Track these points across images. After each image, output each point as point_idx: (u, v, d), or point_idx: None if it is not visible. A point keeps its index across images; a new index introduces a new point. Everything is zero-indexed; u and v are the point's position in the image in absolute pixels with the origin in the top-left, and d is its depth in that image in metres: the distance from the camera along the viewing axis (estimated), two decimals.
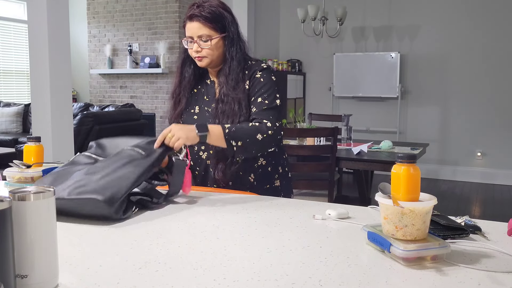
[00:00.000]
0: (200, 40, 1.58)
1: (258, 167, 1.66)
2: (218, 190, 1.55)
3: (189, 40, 1.60)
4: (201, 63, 1.63)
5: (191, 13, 1.58)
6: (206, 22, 1.57)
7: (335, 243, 0.99)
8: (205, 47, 1.58)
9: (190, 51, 1.62)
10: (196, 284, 0.77)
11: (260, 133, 1.51)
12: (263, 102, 1.59)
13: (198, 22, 1.57)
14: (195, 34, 1.58)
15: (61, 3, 3.58)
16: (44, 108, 3.55)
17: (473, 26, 5.69)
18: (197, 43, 1.58)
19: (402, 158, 0.91)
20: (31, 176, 1.37)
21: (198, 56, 1.60)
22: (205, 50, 1.59)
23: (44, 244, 0.73)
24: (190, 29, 1.59)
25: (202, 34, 1.57)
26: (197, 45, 1.58)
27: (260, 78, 1.62)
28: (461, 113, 5.85)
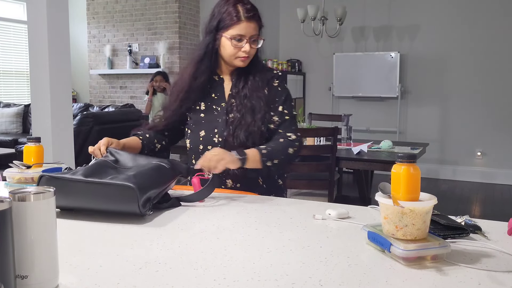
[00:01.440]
0: (251, 40, 1.58)
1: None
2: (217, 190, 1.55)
3: (237, 38, 1.57)
4: (243, 64, 1.62)
5: (251, 14, 1.57)
6: (260, 23, 1.61)
7: (335, 243, 0.99)
8: (254, 48, 1.61)
9: (236, 50, 1.58)
10: (196, 284, 0.77)
11: (291, 147, 1.57)
12: (283, 112, 1.63)
13: (255, 23, 1.58)
14: (249, 33, 1.57)
15: (61, 3, 3.58)
16: (44, 108, 3.55)
17: (473, 26, 5.69)
18: (249, 43, 1.58)
19: (402, 158, 0.91)
20: (31, 176, 1.37)
21: (246, 56, 1.59)
22: (252, 51, 1.61)
23: (44, 245, 0.73)
24: (246, 28, 1.56)
25: (254, 35, 1.59)
26: (248, 45, 1.57)
27: (278, 87, 1.67)
28: (461, 113, 5.85)
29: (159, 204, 1.24)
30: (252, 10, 1.58)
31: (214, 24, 1.60)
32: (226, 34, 1.57)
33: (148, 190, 1.16)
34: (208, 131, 1.63)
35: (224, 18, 1.58)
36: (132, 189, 1.11)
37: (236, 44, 1.57)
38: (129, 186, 1.11)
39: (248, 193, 1.53)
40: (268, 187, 1.66)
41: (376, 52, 6.15)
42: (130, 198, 1.11)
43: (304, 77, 6.75)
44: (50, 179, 1.15)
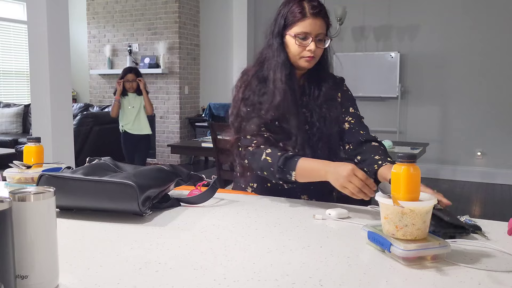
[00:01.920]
0: (317, 39, 1.45)
1: None
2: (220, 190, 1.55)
3: (302, 35, 1.44)
4: (309, 64, 1.48)
5: (317, 10, 1.45)
6: (327, 20, 1.48)
7: (335, 243, 0.99)
8: (320, 47, 1.47)
9: (301, 49, 1.45)
10: (196, 284, 0.77)
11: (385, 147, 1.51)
12: (356, 113, 1.57)
13: (322, 20, 1.46)
14: (315, 31, 1.44)
15: (61, 4, 3.58)
16: (44, 108, 3.55)
17: (473, 26, 5.69)
18: (314, 42, 1.44)
19: (402, 157, 0.91)
20: (31, 176, 1.37)
21: (312, 55, 1.45)
22: (319, 50, 1.47)
23: (44, 245, 0.73)
24: (311, 25, 1.43)
25: (321, 33, 1.46)
26: (314, 44, 1.44)
27: (348, 91, 1.62)
28: (461, 113, 5.85)
29: (159, 204, 1.24)
30: (318, 7, 1.45)
31: (282, 23, 1.47)
32: (291, 32, 1.45)
33: (148, 189, 1.16)
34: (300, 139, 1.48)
35: (289, 16, 1.46)
36: (131, 187, 1.11)
37: (301, 42, 1.44)
38: (129, 184, 1.11)
39: (247, 193, 1.53)
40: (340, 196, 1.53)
41: (376, 52, 6.15)
42: (130, 196, 1.11)
43: None
44: (50, 178, 1.15)
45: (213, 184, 1.33)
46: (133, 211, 1.13)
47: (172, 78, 6.68)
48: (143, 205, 1.13)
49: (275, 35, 1.49)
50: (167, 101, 6.74)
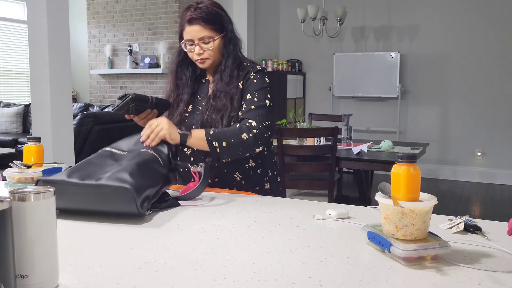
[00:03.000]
0: (202, 42, 1.58)
1: (248, 169, 1.65)
2: (219, 190, 1.55)
3: (188, 43, 1.60)
4: (203, 65, 1.63)
5: (190, 17, 1.57)
6: (206, 24, 1.57)
7: (335, 243, 0.99)
8: (207, 49, 1.58)
9: (191, 54, 1.62)
10: (196, 284, 0.77)
11: (245, 132, 1.50)
12: (252, 99, 1.58)
13: (198, 25, 1.56)
14: (196, 37, 1.57)
15: (61, 3, 3.58)
16: (44, 108, 3.55)
17: (473, 26, 5.69)
18: (198, 45, 1.58)
19: (402, 158, 0.91)
20: (31, 176, 1.37)
21: (200, 58, 1.60)
22: (207, 52, 1.59)
23: (44, 244, 0.73)
24: (190, 32, 1.58)
25: (203, 36, 1.57)
26: (198, 48, 1.58)
27: (253, 79, 1.62)
28: (461, 113, 5.85)
29: (158, 204, 1.23)
30: (194, 13, 1.57)
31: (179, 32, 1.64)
32: (182, 42, 1.63)
33: (145, 189, 1.15)
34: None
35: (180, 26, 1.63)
36: (128, 190, 1.10)
37: (189, 49, 1.61)
38: (125, 188, 1.11)
39: (248, 193, 1.53)
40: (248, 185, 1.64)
41: (376, 52, 6.15)
42: (128, 199, 1.11)
43: (304, 77, 6.75)
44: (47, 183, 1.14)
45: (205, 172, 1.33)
46: (132, 213, 1.13)
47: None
48: (142, 206, 1.13)
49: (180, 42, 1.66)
50: None
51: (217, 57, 1.62)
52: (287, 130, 3.25)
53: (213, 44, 1.58)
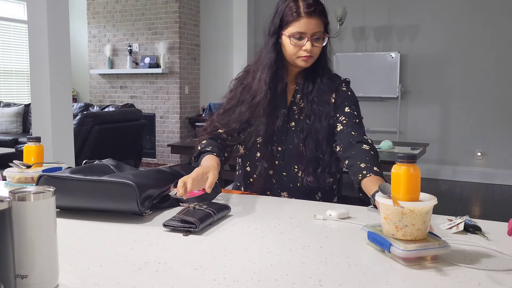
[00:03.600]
0: (312, 38, 1.45)
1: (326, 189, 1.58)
2: None
3: (297, 36, 1.44)
4: (307, 64, 1.49)
5: (312, 9, 1.43)
6: (324, 19, 1.47)
7: (335, 243, 0.99)
8: (317, 46, 1.47)
9: (297, 49, 1.46)
10: (196, 284, 0.77)
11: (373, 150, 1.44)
12: (352, 113, 1.51)
13: (318, 19, 1.45)
14: (311, 30, 1.44)
15: (61, 3, 3.58)
16: (44, 108, 3.55)
17: (473, 26, 5.69)
18: (310, 41, 1.45)
19: (402, 158, 0.91)
20: (31, 176, 1.37)
21: (308, 55, 1.46)
22: (316, 49, 1.47)
23: (44, 244, 0.73)
24: (306, 24, 1.43)
25: (317, 31, 1.45)
26: (310, 43, 1.44)
27: (347, 91, 1.56)
28: (461, 113, 5.85)
29: (158, 204, 1.24)
30: (313, 5, 1.44)
31: (277, 22, 1.48)
32: (286, 32, 1.46)
33: (147, 188, 1.15)
34: (266, 138, 1.52)
35: (284, 15, 1.46)
36: (131, 186, 1.11)
37: (296, 42, 1.45)
38: (128, 183, 1.11)
39: (248, 193, 1.53)
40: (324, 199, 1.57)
41: (376, 52, 6.15)
42: (129, 195, 1.11)
43: None
44: (49, 178, 1.15)
45: (214, 188, 1.33)
46: (133, 210, 1.13)
47: (172, 78, 6.68)
48: (143, 205, 1.13)
49: (271, 34, 1.50)
50: (167, 101, 6.74)
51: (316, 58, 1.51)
52: None
53: (323, 42, 1.48)
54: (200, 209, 1.11)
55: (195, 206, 1.13)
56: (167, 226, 1.06)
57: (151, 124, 6.77)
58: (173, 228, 1.06)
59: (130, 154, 5.64)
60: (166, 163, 6.64)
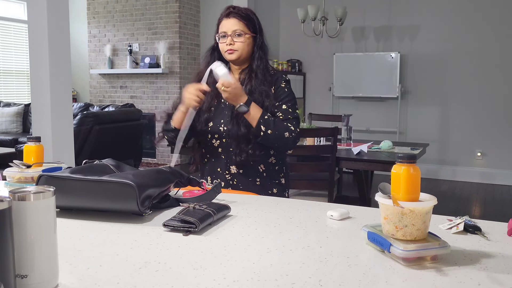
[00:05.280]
0: (234, 35, 1.77)
1: (270, 163, 1.83)
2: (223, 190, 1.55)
3: (222, 35, 1.79)
4: (231, 56, 1.79)
5: (229, 11, 1.79)
6: (241, 19, 1.78)
7: (335, 243, 0.99)
8: (238, 41, 1.77)
9: (222, 46, 1.79)
10: (196, 284, 0.77)
11: (288, 132, 1.72)
12: (287, 110, 1.78)
13: (234, 19, 1.77)
14: (230, 29, 1.77)
15: (61, 3, 3.58)
16: (44, 108, 3.55)
17: (473, 26, 5.69)
18: (230, 37, 1.77)
19: (402, 158, 0.91)
20: (31, 176, 1.37)
21: (230, 49, 1.77)
22: (238, 44, 1.77)
23: (44, 244, 0.73)
24: (226, 24, 1.78)
25: (236, 29, 1.77)
26: (230, 39, 1.77)
27: (284, 88, 1.83)
28: (461, 113, 5.85)
29: (158, 204, 1.24)
30: (232, 10, 1.79)
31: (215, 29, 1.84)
32: (217, 34, 1.82)
33: (147, 188, 1.15)
34: (215, 122, 1.80)
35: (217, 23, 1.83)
36: (131, 186, 1.11)
37: (222, 40, 1.80)
38: (128, 183, 1.11)
39: (248, 193, 1.53)
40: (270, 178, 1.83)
41: (376, 52, 6.15)
42: (129, 195, 1.11)
43: (304, 77, 6.75)
44: (49, 178, 1.15)
45: (214, 188, 1.33)
46: (133, 210, 1.13)
47: (172, 78, 6.68)
48: (143, 204, 1.13)
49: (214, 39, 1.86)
50: (167, 100, 6.74)
51: (245, 53, 1.80)
52: None
53: (244, 39, 1.77)
54: (200, 209, 1.11)
55: (195, 206, 1.13)
56: (167, 226, 1.06)
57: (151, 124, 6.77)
58: (173, 228, 1.06)
59: (130, 154, 5.64)
60: (166, 163, 6.63)
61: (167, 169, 1.33)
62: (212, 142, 1.82)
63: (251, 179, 1.79)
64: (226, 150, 1.80)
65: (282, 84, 1.83)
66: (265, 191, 1.78)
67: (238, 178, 1.79)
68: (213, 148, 1.83)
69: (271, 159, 1.83)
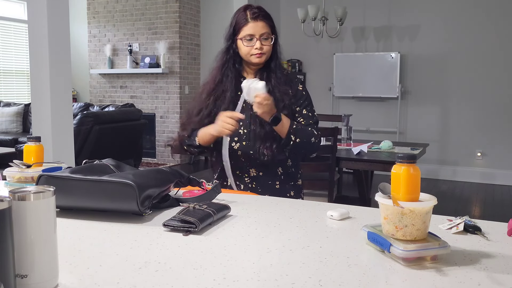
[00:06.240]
0: (261, 38, 1.74)
1: (288, 166, 1.84)
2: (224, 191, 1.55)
3: (248, 38, 1.74)
4: (259, 59, 1.76)
5: (256, 14, 1.75)
6: (269, 21, 1.77)
7: (335, 243, 0.99)
8: (266, 44, 1.76)
9: (248, 48, 1.75)
10: (196, 284, 0.77)
11: (314, 137, 1.74)
12: (308, 115, 1.80)
13: (263, 22, 1.75)
14: (258, 32, 1.74)
15: (61, 3, 3.58)
16: (44, 108, 3.55)
17: (473, 26, 5.69)
18: (259, 40, 1.74)
19: (402, 158, 0.91)
20: (31, 176, 1.37)
21: (259, 52, 1.75)
22: (266, 47, 1.76)
23: (44, 244, 0.73)
24: (253, 27, 1.74)
25: (264, 32, 1.75)
26: (259, 43, 1.74)
27: (302, 91, 1.83)
28: (461, 113, 5.85)
29: (158, 204, 1.24)
30: (257, 12, 1.75)
31: (231, 31, 1.78)
32: (239, 36, 1.76)
33: (147, 188, 1.15)
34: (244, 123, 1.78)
35: (236, 24, 1.77)
36: (131, 186, 1.11)
37: (248, 43, 1.75)
38: (128, 183, 1.11)
39: (248, 193, 1.53)
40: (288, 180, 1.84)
41: (376, 53, 6.15)
42: (129, 195, 1.11)
43: (304, 77, 6.75)
44: (49, 178, 1.15)
45: (214, 188, 1.33)
46: (133, 210, 1.13)
47: (173, 77, 6.68)
48: (142, 204, 1.13)
49: (226, 40, 1.81)
50: (167, 100, 6.74)
51: (269, 55, 1.79)
52: None
53: (270, 42, 1.77)
54: (200, 209, 1.11)
55: (195, 206, 1.13)
56: (167, 226, 1.06)
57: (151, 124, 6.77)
58: (173, 228, 1.06)
59: (130, 154, 5.64)
60: (166, 163, 6.63)
61: (167, 169, 1.33)
62: (232, 145, 1.79)
63: (270, 182, 1.79)
64: (246, 153, 1.78)
65: (300, 86, 1.84)
66: (283, 194, 1.77)
67: (257, 181, 1.79)
68: (232, 151, 1.80)
69: (288, 161, 1.84)
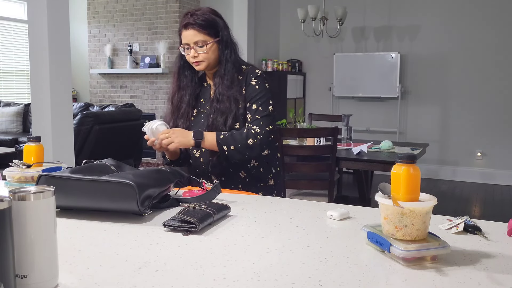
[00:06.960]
0: (196, 46, 1.71)
1: (251, 168, 1.79)
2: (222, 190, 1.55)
3: (185, 47, 1.73)
4: (199, 67, 1.75)
5: (186, 22, 1.71)
6: (200, 29, 1.70)
7: (335, 243, 0.99)
8: (201, 52, 1.71)
9: (188, 57, 1.75)
10: (196, 284, 0.77)
11: (251, 138, 1.67)
12: (257, 109, 1.73)
13: (193, 30, 1.70)
14: (191, 41, 1.71)
15: (61, 3, 3.58)
16: (44, 108, 3.55)
17: (473, 26, 5.69)
18: (193, 49, 1.71)
19: (402, 158, 0.91)
20: (31, 176, 1.37)
21: (195, 61, 1.73)
22: (202, 55, 1.72)
23: (44, 244, 0.73)
24: (185, 36, 1.72)
25: (197, 40, 1.70)
26: (194, 51, 1.71)
27: (255, 86, 1.74)
28: (461, 113, 5.85)
29: (158, 204, 1.24)
30: (188, 19, 1.70)
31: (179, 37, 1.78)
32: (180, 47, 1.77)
33: (147, 188, 1.15)
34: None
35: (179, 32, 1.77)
36: (131, 186, 1.11)
37: (186, 52, 1.75)
38: (128, 183, 1.11)
39: (248, 193, 1.53)
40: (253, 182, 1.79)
41: (376, 53, 6.15)
42: (129, 195, 1.11)
43: (304, 77, 6.75)
44: (49, 178, 1.15)
45: (214, 188, 1.33)
46: (133, 210, 1.13)
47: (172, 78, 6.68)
48: (142, 204, 1.13)
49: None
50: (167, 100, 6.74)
51: (212, 60, 1.74)
52: (287, 130, 3.25)
53: (207, 48, 1.71)
54: (200, 209, 1.11)
55: (195, 206, 1.13)
56: (167, 226, 1.06)
57: None
58: (173, 228, 1.06)
59: (130, 154, 5.64)
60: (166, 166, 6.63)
61: (167, 169, 1.33)
62: (194, 153, 1.82)
63: (233, 186, 1.76)
64: (206, 160, 1.78)
65: (252, 81, 1.75)
66: None
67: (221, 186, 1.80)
68: (195, 158, 1.82)
69: (252, 162, 1.79)
